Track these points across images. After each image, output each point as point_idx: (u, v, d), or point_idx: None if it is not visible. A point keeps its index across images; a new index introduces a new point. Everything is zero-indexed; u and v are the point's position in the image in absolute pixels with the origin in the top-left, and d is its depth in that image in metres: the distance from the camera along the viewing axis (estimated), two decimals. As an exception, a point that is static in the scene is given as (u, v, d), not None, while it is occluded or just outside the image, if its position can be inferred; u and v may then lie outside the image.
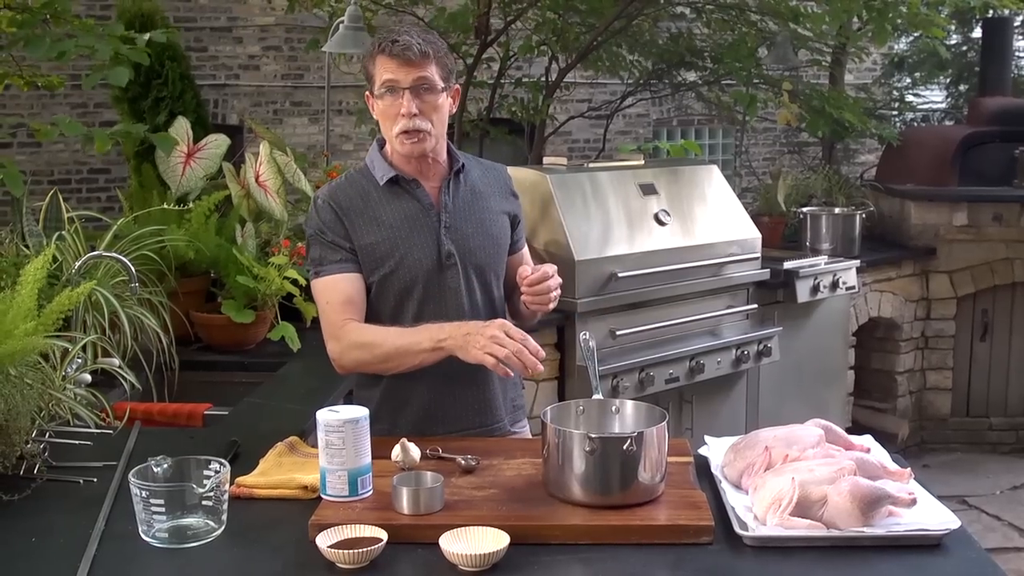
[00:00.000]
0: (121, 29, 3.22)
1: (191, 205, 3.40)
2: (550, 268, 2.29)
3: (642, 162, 4.49)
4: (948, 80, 7.95)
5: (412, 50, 2.22)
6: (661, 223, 4.13)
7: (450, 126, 2.58)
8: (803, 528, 1.76)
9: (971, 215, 5.72)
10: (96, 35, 3.09)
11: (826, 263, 4.85)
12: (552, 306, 2.33)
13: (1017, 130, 5.85)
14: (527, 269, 2.31)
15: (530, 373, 2.13)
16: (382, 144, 2.40)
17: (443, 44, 2.33)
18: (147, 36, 3.17)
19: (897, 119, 7.36)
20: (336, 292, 2.31)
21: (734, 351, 4.26)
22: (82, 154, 6.75)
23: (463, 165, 2.40)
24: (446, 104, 2.32)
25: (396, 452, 2.03)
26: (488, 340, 2.11)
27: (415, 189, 2.35)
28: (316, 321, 3.39)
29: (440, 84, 2.28)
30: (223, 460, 1.85)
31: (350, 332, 2.28)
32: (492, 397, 2.42)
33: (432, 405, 2.37)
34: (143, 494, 1.76)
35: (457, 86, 2.38)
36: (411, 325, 2.29)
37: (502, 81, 5.56)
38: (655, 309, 4.10)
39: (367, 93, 2.35)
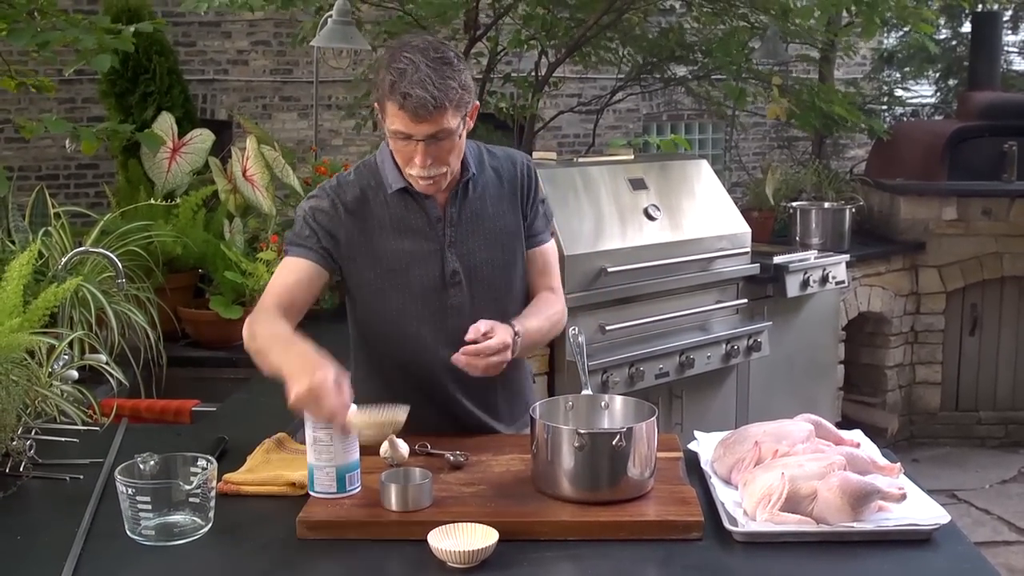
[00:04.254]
0: (107, 22, 3.20)
1: (178, 200, 3.38)
2: (484, 325, 2.07)
3: (632, 157, 4.48)
4: (937, 75, 7.97)
5: (426, 107, 2.02)
6: (651, 218, 4.12)
7: None
8: (793, 523, 1.76)
9: (960, 209, 5.73)
10: (81, 27, 3.07)
11: (816, 258, 4.85)
12: (488, 372, 2.07)
13: (1006, 124, 5.86)
14: (480, 326, 2.06)
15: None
16: None
17: (459, 76, 2.07)
18: (132, 28, 3.15)
19: (886, 114, 7.37)
20: (284, 275, 2.22)
21: (724, 346, 4.26)
22: (70, 150, 6.71)
23: (473, 174, 2.24)
24: (463, 137, 2.15)
25: (384, 448, 2.02)
26: (296, 399, 1.88)
27: (423, 200, 2.21)
28: (304, 316, 3.41)
29: (457, 127, 2.09)
30: (210, 457, 1.85)
31: (258, 317, 2.15)
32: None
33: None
34: (129, 491, 1.75)
35: (476, 103, 2.17)
36: (410, 341, 2.23)
37: (491, 76, 5.55)
38: (645, 304, 4.10)
39: (376, 102, 2.18)
